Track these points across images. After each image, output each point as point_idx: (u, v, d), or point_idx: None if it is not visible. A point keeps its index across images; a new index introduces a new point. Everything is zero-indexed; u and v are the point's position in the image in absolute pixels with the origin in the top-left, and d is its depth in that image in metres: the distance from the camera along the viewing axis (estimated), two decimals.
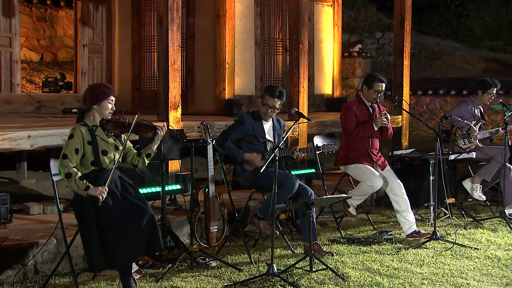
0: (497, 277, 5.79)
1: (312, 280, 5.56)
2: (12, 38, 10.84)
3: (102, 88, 5.06)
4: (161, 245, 5.09)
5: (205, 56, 10.60)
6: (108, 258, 4.88)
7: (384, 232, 7.14)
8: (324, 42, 12.12)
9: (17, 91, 10.89)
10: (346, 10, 22.75)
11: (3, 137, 6.63)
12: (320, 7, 12.02)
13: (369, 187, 7.01)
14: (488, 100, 8.33)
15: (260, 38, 11.01)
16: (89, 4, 11.71)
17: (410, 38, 11.22)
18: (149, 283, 5.44)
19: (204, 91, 10.64)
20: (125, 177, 5.18)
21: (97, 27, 11.83)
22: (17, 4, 10.98)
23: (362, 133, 7.04)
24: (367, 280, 5.58)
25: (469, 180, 8.32)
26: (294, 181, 6.28)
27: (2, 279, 5.42)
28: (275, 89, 6.51)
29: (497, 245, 6.91)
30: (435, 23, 27.30)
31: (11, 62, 10.84)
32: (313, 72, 11.98)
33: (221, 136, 6.57)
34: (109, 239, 4.86)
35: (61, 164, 4.84)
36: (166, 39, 7.86)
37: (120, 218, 4.89)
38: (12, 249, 5.59)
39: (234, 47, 10.53)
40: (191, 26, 10.77)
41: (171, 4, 7.84)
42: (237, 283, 5.43)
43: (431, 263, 6.16)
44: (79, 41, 11.73)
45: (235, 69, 10.59)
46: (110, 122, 5.02)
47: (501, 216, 7.78)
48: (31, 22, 15.67)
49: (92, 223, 4.87)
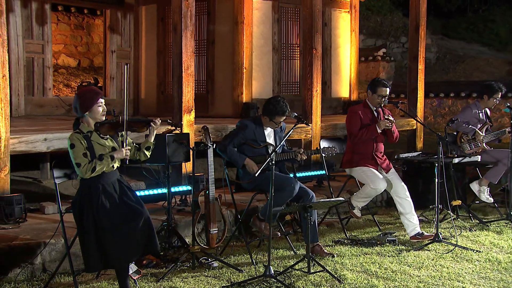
0: (494, 281, 5.52)
1: (309, 282, 5.37)
2: (44, 45, 10.85)
3: (89, 95, 4.91)
4: (157, 247, 4.95)
5: (224, 61, 10.48)
6: (105, 259, 4.77)
7: (388, 234, 6.90)
8: (341, 47, 11.87)
9: (49, 95, 10.90)
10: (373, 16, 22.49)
11: (20, 140, 6.63)
12: (337, 13, 11.78)
13: (372, 189, 6.79)
14: (493, 105, 8.07)
15: (278, 44, 10.83)
16: (118, 12, 11.64)
17: (424, 43, 10.92)
18: (149, 283, 5.31)
19: (223, 94, 10.53)
20: (124, 180, 5.05)
21: (125, 34, 11.76)
22: (49, 13, 10.99)
23: (366, 136, 6.82)
24: (363, 283, 5.37)
25: (477, 182, 8.03)
26: (294, 184, 6.09)
27: (10, 277, 5.35)
28: (283, 106, 6.30)
29: (500, 247, 6.61)
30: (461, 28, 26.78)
31: (43, 67, 10.86)
32: (330, 76, 11.77)
33: (223, 141, 6.41)
34: (105, 240, 4.74)
35: (81, 172, 4.76)
36: (180, 45, 7.75)
37: (117, 221, 4.77)
38: (20, 248, 5.51)
39: (251, 53, 10.38)
40: (211, 33, 10.66)
41: (185, 11, 7.72)
42: (234, 284, 5.26)
43: (430, 266, 5.91)
44: (108, 48, 11.68)
45: (253, 73, 10.44)
46: (104, 124, 4.88)
47: (508, 218, 7.48)
48: (69, 30, 15.78)
49: (90, 225, 4.76)
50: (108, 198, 4.81)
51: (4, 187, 6.38)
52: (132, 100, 11.85)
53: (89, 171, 4.71)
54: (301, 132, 9.26)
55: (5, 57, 6.38)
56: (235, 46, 10.30)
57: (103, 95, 5.04)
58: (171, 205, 6.27)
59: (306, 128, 9.27)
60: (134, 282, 5.18)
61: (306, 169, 8.75)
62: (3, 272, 5.36)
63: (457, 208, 7.88)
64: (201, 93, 10.88)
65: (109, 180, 4.87)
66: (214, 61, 10.66)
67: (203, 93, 10.84)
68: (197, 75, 10.99)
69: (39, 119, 10.00)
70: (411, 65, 11.09)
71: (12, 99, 10.42)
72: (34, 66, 10.71)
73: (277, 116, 6.28)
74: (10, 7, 10.25)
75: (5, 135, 6.37)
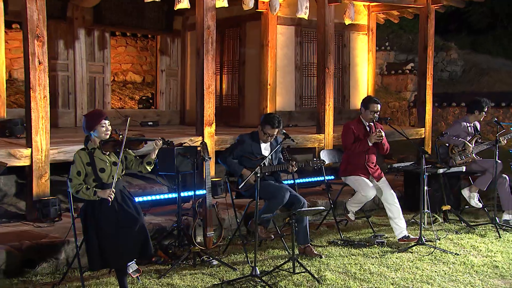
0: (462, 284, 5.11)
1: (292, 281, 5.08)
2: (104, 66, 10.89)
3: (94, 116, 4.78)
4: (151, 250, 4.78)
5: (253, 79, 10.27)
6: (104, 259, 4.64)
7: (378, 236, 6.54)
8: (359, 65, 11.44)
9: (108, 108, 10.93)
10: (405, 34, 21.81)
11: (59, 151, 6.61)
12: (356, 35, 11.35)
13: (363, 196, 6.47)
14: (482, 117, 7.60)
15: (300, 63, 10.52)
16: (167, 37, 11.57)
17: (432, 61, 10.45)
18: (151, 280, 5.14)
19: (252, 107, 10.32)
20: (125, 191, 4.90)
21: (173, 56, 11.69)
22: (109, 40, 11.01)
23: (358, 148, 6.50)
24: (339, 284, 5.05)
25: (467, 189, 7.54)
26: (285, 192, 5.81)
27: (37, 271, 5.30)
28: (274, 120, 6.04)
29: (478, 251, 6.15)
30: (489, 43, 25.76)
31: (103, 85, 10.91)
32: (349, 90, 11.36)
33: (224, 153, 6.20)
34: (105, 243, 4.61)
35: (70, 186, 4.68)
36: (202, 67, 7.57)
37: (115, 226, 4.62)
38: (47, 245, 5.47)
39: (275, 71, 10.13)
40: (242, 54, 10.47)
41: (206, 38, 7.55)
42: (224, 283, 5.03)
43: (407, 268, 5.52)
44: (159, 67, 11.64)
45: (277, 89, 10.19)
46: (107, 142, 4.75)
47: (492, 222, 6.97)
48: (136, 51, 15.85)
49: (92, 229, 4.65)
50: (108, 207, 4.66)
51: (45, 191, 6.36)
52: (179, 111, 11.78)
53: (74, 191, 4.62)
54: (314, 141, 8.96)
55: (46, 81, 6.36)
56: (261, 66, 10.06)
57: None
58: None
59: (319, 138, 8.96)
60: (137, 279, 5.03)
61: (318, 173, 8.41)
62: (31, 266, 5.31)
63: (447, 213, 7.43)
64: (234, 106, 10.70)
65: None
66: (245, 79, 10.45)
67: (235, 106, 10.65)
68: (231, 91, 10.85)
69: None
70: (420, 81, 10.63)
71: (76, 111, 10.54)
72: (96, 84, 10.76)
73: (267, 126, 6.01)
74: (76, 35, 10.34)
75: (45, 146, 6.36)
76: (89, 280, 5.05)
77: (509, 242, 6.45)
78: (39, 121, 6.30)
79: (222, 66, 10.89)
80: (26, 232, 5.83)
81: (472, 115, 7.56)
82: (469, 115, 7.59)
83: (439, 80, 20.64)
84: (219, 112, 11.04)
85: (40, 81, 6.30)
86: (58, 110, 10.24)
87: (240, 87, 10.53)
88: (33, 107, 6.28)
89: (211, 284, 5.02)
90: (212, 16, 7.56)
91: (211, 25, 7.55)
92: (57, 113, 10.16)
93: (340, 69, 11.20)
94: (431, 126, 10.56)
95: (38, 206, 6.16)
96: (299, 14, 8.84)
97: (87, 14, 10.40)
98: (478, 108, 7.51)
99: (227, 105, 10.88)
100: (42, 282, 5.08)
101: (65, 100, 10.35)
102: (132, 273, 4.90)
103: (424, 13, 10.32)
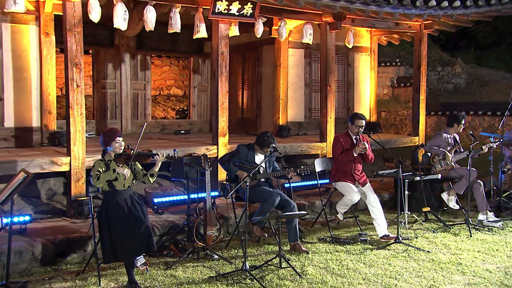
0: (426, 279, 4.94)
1: (277, 275, 5.01)
2: (145, 84, 11.00)
3: (109, 135, 4.82)
4: (154, 247, 4.80)
5: (268, 94, 10.23)
6: (115, 254, 4.70)
7: (363, 234, 6.38)
8: (362, 81, 11.24)
9: (149, 119, 11.05)
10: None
11: (93, 159, 6.64)
12: (359, 56, 11.15)
13: (348, 200, 6.36)
14: (461, 129, 7.36)
15: (309, 80, 10.39)
16: (198, 58, 11.61)
17: (425, 78, 10.19)
18: (159, 271, 5.16)
19: (267, 118, 10.27)
20: (135, 196, 4.93)
21: (203, 74, 11.72)
22: (149, 62, 11.10)
23: (345, 159, 6.38)
24: (317, 278, 4.96)
25: (446, 193, 7.32)
26: (275, 197, 5.76)
27: (67, 260, 5.41)
28: (267, 142, 5.95)
29: (448, 248, 5.95)
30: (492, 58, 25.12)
31: (145, 100, 11.02)
32: (353, 103, 11.16)
33: (223, 157, 6.26)
34: (116, 240, 4.67)
35: (92, 177, 4.69)
36: (217, 87, 7.60)
37: (125, 227, 4.68)
38: (76, 239, 5.56)
39: (287, 88, 10.04)
40: (260, 73, 10.44)
41: (220, 62, 7.57)
42: (219, 275, 5.01)
43: (380, 264, 5.38)
44: (191, 84, 11.70)
45: (288, 103, 10.09)
46: (120, 156, 4.81)
47: (466, 222, 6.74)
48: (178, 69, 16.02)
49: (106, 229, 4.71)
50: (119, 209, 4.71)
51: (81, 192, 6.48)
52: (208, 121, 11.79)
53: (95, 178, 4.64)
54: (317, 149, 8.84)
55: (82, 101, 6.47)
56: (275, 83, 9.99)
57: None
58: None
59: (322, 146, 8.85)
60: (146, 270, 5.07)
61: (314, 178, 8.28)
62: (63, 256, 5.42)
63: (427, 213, 7.22)
64: (252, 117, 10.68)
65: (122, 196, 4.77)
66: (261, 94, 10.41)
67: (254, 117, 10.63)
68: (250, 104, 10.83)
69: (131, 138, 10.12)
70: (414, 95, 10.35)
71: (122, 122, 10.70)
72: (138, 99, 10.89)
73: (265, 147, 5.97)
74: (122, 59, 10.50)
75: (82, 155, 6.48)
76: (107, 270, 5.12)
77: (477, 241, 6.22)
78: (76, 134, 6.43)
79: (243, 83, 10.89)
80: (62, 227, 5.94)
81: (452, 127, 7.34)
82: (449, 128, 7.37)
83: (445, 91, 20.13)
84: (241, 122, 11.09)
85: (78, 101, 6.43)
86: (107, 121, 10.43)
87: (257, 101, 10.50)
88: (71, 123, 6.41)
89: (207, 276, 5.00)
90: (225, 44, 7.55)
91: (224, 51, 7.55)
92: (106, 123, 10.35)
93: (345, 85, 11.03)
94: (424, 134, 10.27)
95: (74, 205, 6.29)
96: (304, 40, 8.76)
97: (131, 41, 10.55)
98: (456, 121, 7.30)
99: (247, 116, 10.88)
100: (69, 270, 5.17)
101: (112, 112, 10.53)
102: (140, 266, 4.96)
103: (418, 37, 10.07)
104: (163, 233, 6.00)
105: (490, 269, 5.20)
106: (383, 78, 19.65)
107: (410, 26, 9.88)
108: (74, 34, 6.36)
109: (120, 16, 6.72)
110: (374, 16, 8.39)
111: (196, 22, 7.50)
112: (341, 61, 10.89)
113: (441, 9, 8.39)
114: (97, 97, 10.45)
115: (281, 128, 9.73)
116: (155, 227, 5.94)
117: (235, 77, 11.10)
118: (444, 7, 8.38)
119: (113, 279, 4.92)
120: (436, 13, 8.48)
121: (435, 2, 8.25)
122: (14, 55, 7.39)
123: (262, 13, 7.96)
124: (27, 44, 7.47)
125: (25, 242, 5.34)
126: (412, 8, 8.09)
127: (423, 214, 7.26)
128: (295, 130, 10.11)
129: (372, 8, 7.81)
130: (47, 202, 6.90)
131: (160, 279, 4.91)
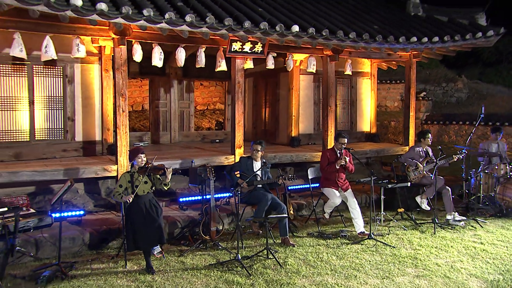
0: (383, 271, 4.82)
1: (262, 265, 5.04)
2: (190, 103, 11.24)
3: (134, 152, 5.05)
4: (164, 239, 4.99)
5: (284, 111, 10.20)
6: (135, 244, 4.91)
7: (345, 231, 6.33)
8: (363, 100, 11.01)
9: (191, 130, 11.27)
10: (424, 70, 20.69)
11: None
12: (361, 79, 10.94)
13: (332, 202, 6.35)
14: (429, 142, 7.09)
15: (317, 100, 10.29)
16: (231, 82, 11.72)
17: (414, 98, 9.87)
18: (173, 257, 5.30)
19: (283, 131, 10.25)
20: (153, 200, 5.13)
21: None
22: (193, 86, 11.36)
23: (329, 169, 6.35)
24: (294, 268, 4.96)
25: (419, 196, 7.11)
26: (268, 200, 5.81)
27: (108, 246, 5.64)
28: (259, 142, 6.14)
29: (411, 244, 5.77)
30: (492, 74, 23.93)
31: (189, 116, 11.25)
32: (356, 118, 10.96)
33: (227, 168, 6.31)
34: (136, 232, 4.88)
35: (113, 197, 4.99)
36: (234, 109, 7.71)
37: (143, 223, 4.88)
38: (115, 229, 5.78)
39: (299, 106, 9.99)
40: (278, 95, 10.43)
41: (237, 89, 7.70)
42: (217, 263, 5.11)
43: (349, 257, 5.29)
44: (226, 101, 11.89)
45: (300, 118, 10.04)
46: (141, 169, 5.03)
47: (433, 221, 6.52)
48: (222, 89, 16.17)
49: (129, 224, 4.93)
50: (140, 210, 4.92)
51: None
52: None
53: (112, 194, 4.91)
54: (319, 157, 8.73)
55: (127, 122, 6.70)
56: (289, 102, 9.99)
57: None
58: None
59: None
60: (163, 257, 5.25)
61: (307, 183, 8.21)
62: (105, 242, 5.65)
63: (401, 213, 7.03)
64: (272, 130, 10.70)
65: (142, 200, 4.99)
66: (279, 111, 10.41)
67: (273, 129, 10.65)
68: (270, 119, 10.85)
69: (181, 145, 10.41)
70: (405, 111, 10.04)
71: (171, 133, 11.02)
72: (184, 115, 11.15)
73: (254, 146, 6.17)
74: (171, 84, 10.80)
75: (126, 164, 6.72)
76: (133, 256, 5.33)
77: (438, 238, 6.01)
78: (122, 148, 6.71)
79: (266, 102, 10.94)
80: (109, 219, 6.21)
81: (420, 142, 7.11)
82: (419, 142, 7.15)
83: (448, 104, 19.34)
84: (264, 133, 11.14)
85: (123, 122, 6.71)
86: (160, 133, 10.77)
87: (276, 116, 10.51)
88: (118, 139, 6.70)
89: (208, 263, 5.10)
90: (241, 75, 7.67)
91: (240, 80, 7.66)
92: (159, 134, 10.71)
93: (349, 103, 10.86)
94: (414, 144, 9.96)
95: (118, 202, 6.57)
96: (309, 69, 8.72)
97: (178, 70, 10.83)
98: (422, 137, 7.08)
99: (268, 128, 10.92)
100: (108, 254, 5.42)
101: (164, 126, 10.86)
102: (156, 254, 5.16)
103: (408, 65, 9.77)
104: (184, 226, 6.15)
105: (439, 263, 5.04)
106: (394, 93, 19.13)
107: (400, 56, 9.61)
108: (121, 72, 6.66)
109: (157, 57, 6.96)
110: (364, 51, 8.24)
111: (218, 59, 7.65)
112: (345, 84, 10.74)
113: (421, 44, 8.12)
114: (152, 114, 10.83)
115: (293, 139, 9.72)
116: (177, 221, 6.13)
117: (260, 97, 11.17)
118: (424, 42, 8.10)
119: (136, 263, 5.14)
120: (417, 47, 8.22)
121: (416, 39, 7.99)
122: (82, 87, 7.80)
123: (272, 49, 8.00)
124: (92, 78, 7.86)
125: (78, 231, 5.64)
126: (396, 43, 7.88)
127: (399, 214, 7.08)
128: (305, 140, 10.08)
129: (361, 45, 7.67)
130: (104, 198, 7.23)
131: (172, 264, 5.08)
